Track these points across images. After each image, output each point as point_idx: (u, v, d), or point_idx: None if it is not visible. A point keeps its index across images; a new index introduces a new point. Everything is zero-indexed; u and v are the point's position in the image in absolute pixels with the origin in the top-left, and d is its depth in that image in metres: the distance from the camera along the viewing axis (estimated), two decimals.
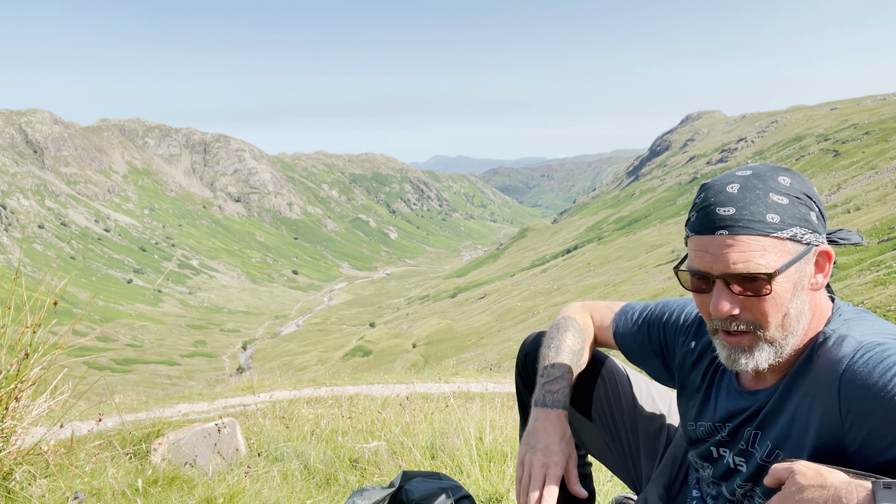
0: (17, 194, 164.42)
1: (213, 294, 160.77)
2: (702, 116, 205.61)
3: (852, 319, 1.22)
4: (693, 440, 1.48)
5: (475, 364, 36.97)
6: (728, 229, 1.18)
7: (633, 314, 1.67)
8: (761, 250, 1.16)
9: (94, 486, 2.40)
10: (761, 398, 1.29)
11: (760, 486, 1.29)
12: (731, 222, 1.17)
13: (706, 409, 1.43)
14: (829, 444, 1.13)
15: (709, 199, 1.22)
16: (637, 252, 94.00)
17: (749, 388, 1.33)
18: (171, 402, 9.15)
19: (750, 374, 1.33)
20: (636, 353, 1.65)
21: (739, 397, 1.34)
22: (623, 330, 1.66)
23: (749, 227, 1.17)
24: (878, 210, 54.24)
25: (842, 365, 1.12)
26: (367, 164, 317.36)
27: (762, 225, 1.17)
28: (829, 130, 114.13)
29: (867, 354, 1.10)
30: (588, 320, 1.74)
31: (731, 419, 1.35)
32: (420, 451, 3.17)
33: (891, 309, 27.33)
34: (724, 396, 1.38)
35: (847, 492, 0.94)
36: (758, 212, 1.17)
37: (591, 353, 1.72)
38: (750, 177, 1.21)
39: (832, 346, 1.18)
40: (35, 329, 2.46)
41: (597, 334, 1.74)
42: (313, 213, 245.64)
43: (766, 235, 1.17)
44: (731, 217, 1.18)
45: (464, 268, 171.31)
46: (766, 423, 1.27)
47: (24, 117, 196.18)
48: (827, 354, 1.18)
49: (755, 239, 1.17)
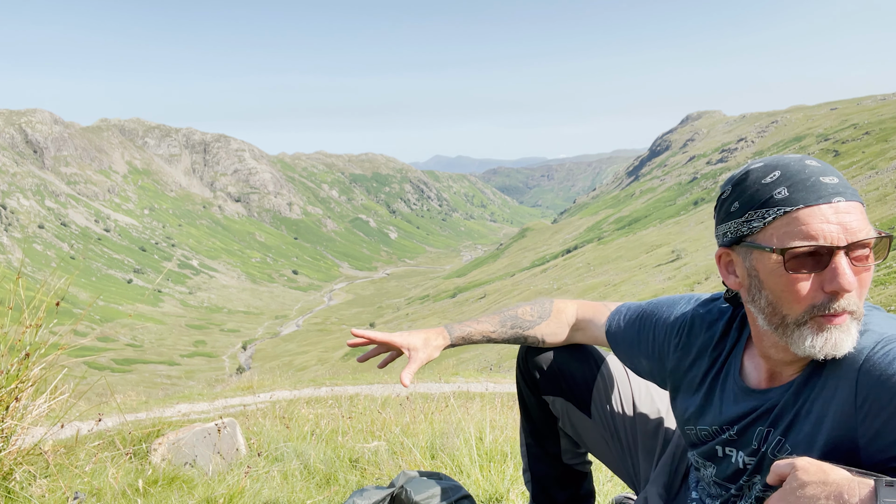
0: (17, 194, 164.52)
1: (213, 294, 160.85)
2: (702, 116, 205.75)
3: (868, 313, 1.18)
4: (693, 443, 1.45)
5: (475, 364, 36.96)
6: (843, 196, 1.10)
7: (626, 313, 1.66)
8: (867, 219, 1.12)
9: (94, 486, 2.41)
10: (774, 396, 1.24)
11: (762, 475, 1.27)
12: (843, 188, 1.11)
13: (708, 412, 1.39)
14: (842, 437, 1.10)
15: (802, 172, 1.14)
16: (637, 252, 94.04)
17: (759, 388, 1.29)
18: (171, 402, 9.16)
19: (763, 373, 1.29)
20: (627, 352, 1.64)
21: (748, 398, 1.29)
22: (615, 329, 1.66)
23: (855, 195, 1.12)
24: (878, 210, 54.27)
25: (861, 356, 1.09)
26: (367, 164, 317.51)
27: (856, 193, 1.13)
28: (829, 130, 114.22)
29: (888, 346, 1.07)
30: (569, 309, 1.75)
31: (739, 420, 1.30)
32: (420, 451, 3.18)
33: (891, 309, 27.35)
34: (730, 398, 1.34)
35: (849, 489, 0.93)
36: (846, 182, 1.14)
37: (576, 353, 1.76)
38: (795, 157, 1.18)
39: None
40: (35, 329, 2.46)
41: (584, 327, 1.74)
42: (313, 213, 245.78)
43: (863, 204, 1.13)
44: (840, 185, 1.12)
45: (464, 268, 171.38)
46: (779, 421, 1.22)
47: (24, 117, 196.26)
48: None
49: (860, 207, 1.12)
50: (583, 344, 1.77)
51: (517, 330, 1.70)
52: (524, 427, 1.87)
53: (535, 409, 1.81)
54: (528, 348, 1.78)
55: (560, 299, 1.78)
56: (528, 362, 1.77)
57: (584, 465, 1.89)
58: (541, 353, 1.76)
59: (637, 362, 1.63)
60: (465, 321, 1.74)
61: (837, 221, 1.09)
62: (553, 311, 1.73)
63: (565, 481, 1.87)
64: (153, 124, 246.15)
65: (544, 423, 1.82)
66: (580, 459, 1.88)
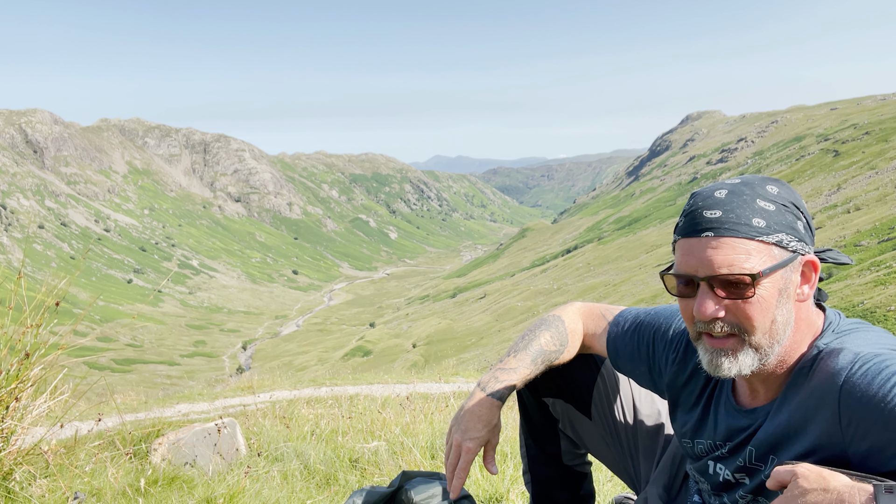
0: (17, 194, 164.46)
1: (213, 294, 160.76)
2: (702, 116, 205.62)
3: (847, 332, 1.22)
4: (692, 456, 1.47)
5: (475, 364, 36.95)
6: (714, 231, 1.18)
7: (624, 324, 1.65)
8: (745, 253, 1.17)
9: (94, 486, 2.41)
10: (759, 417, 1.28)
11: (763, 497, 1.28)
12: (717, 224, 1.18)
13: (705, 427, 1.41)
14: (830, 456, 1.12)
15: (696, 203, 1.24)
16: (637, 252, 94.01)
17: (747, 407, 1.32)
18: (171, 402, 9.14)
19: (746, 391, 1.33)
20: (625, 364, 1.65)
21: (739, 416, 1.33)
22: (615, 341, 1.66)
23: (734, 230, 1.17)
24: (878, 210, 54.27)
25: (840, 377, 1.11)
26: (367, 164, 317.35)
27: (748, 228, 1.17)
28: (829, 130, 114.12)
29: (865, 366, 1.10)
30: (578, 326, 1.73)
31: (731, 438, 1.34)
32: (420, 451, 3.18)
33: (891, 309, 27.29)
34: (723, 415, 1.37)
35: (850, 495, 0.94)
36: (744, 215, 1.18)
37: (575, 355, 1.74)
38: (738, 184, 1.23)
39: (828, 359, 1.17)
40: (36, 329, 2.46)
41: (587, 342, 1.73)
42: (313, 213, 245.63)
43: (752, 239, 1.17)
44: (717, 219, 1.19)
45: (464, 268, 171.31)
46: (763, 442, 1.25)
47: (24, 117, 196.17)
48: (823, 368, 1.16)
49: (740, 242, 1.17)
50: None
51: (546, 363, 1.67)
52: (524, 429, 1.87)
53: (534, 411, 1.81)
54: None
55: (567, 313, 1.74)
56: None
57: (584, 466, 1.90)
58: None
59: (635, 373, 1.64)
60: (498, 369, 1.65)
61: (699, 255, 1.19)
62: (568, 333, 1.70)
63: (565, 482, 1.87)
64: (153, 124, 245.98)
65: (544, 424, 1.82)
66: (580, 460, 1.88)
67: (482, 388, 1.62)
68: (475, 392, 1.63)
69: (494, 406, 1.60)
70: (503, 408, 1.62)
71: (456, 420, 1.63)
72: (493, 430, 1.60)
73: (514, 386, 1.62)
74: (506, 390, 1.61)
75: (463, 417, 1.61)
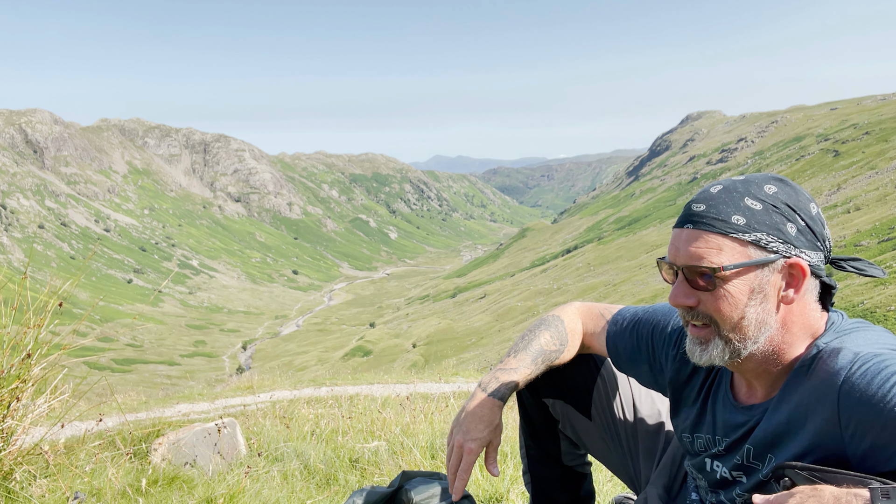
0: (17, 194, 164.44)
1: (213, 294, 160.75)
2: (702, 116, 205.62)
3: (847, 332, 1.22)
4: (690, 453, 1.48)
5: (475, 364, 36.94)
6: (693, 224, 1.23)
7: (623, 322, 1.66)
8: (717, 248, 1.20)
9: (94, 486, 2.41)
10: (756, 414, 1.28)
11: (748, 489, 1.31)
12: (698, 218, 1.23)
13: (703, 422, 1.43)
14: (829, 455, 1.12)
15: (694, 196, 1.29)
16: (637, 252, 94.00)
17: (744, 403, 1.33)
18: (172, 402, 9.14)
19: (744, 387, 1.34)
20: (626, 362, 1.65)
21: (737, 412, 1.34)
22: (614, 339, 1.66)
23: (711, 225, 1.21)
24: (878, 210, 54.30)
25: (839, 377, 1.12)
26: (367, 164, 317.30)
27: (723, 224, 1.20)
28: (829, 130, 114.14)
29: (864, 365, 1.10)
30: (577, 325, 1.73)
31: (728, 434, 1.35)
32: (420, 451, 3.18)
33: (891, 309, 27.32)
34: (721, 410, 1.38)
35: (846, 502, 0.94)
36: (724, 212, 1.21)
37: (575, 356, 1.74)
38: (737, 181, 1.26)
39: (827, 358, 1.17)
40: (37, 330, 2.46)
41: (587, 342, 1.73)
42: (313, 213, 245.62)
43: (725, 235, 1.20)
44: (699, 213, 1.23)
45: (464, 268, 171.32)
46: (761, 439, 1.26)
47: (24, 117, 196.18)
48: (823, 367, 1.16)
49: (713, 237, 1.21)
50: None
51: (547, 363, 1.68)
52: (524, 429, 1.87)
53: (534, 412, 1.81)
54: None
55: (566, 313, 1.75)
56: None
57: (583, 467, 1.90)
58: None
59: (636, 371, 1.64)
60: (498, 370, 1.66)
61: (677, 244, 1.26)
62: (568, 333, 1.71)
63: (565, 483, 1.88)
64: (153, 124, 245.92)
65: (544, 425, 1.82)
66: (580, 461, 1.89)
67: (483, 389, 1.63)
68: (476, 393, 1.63)
69: (496, 407, 1.60)
70: (503, 408, 1.72)
71: (457, 421, 1.63)
72: (495, 430, 1.61)
73: (515, 386, 1.62)
74: (507, 391, 1.62)
75: (464, 419, 1.61)
